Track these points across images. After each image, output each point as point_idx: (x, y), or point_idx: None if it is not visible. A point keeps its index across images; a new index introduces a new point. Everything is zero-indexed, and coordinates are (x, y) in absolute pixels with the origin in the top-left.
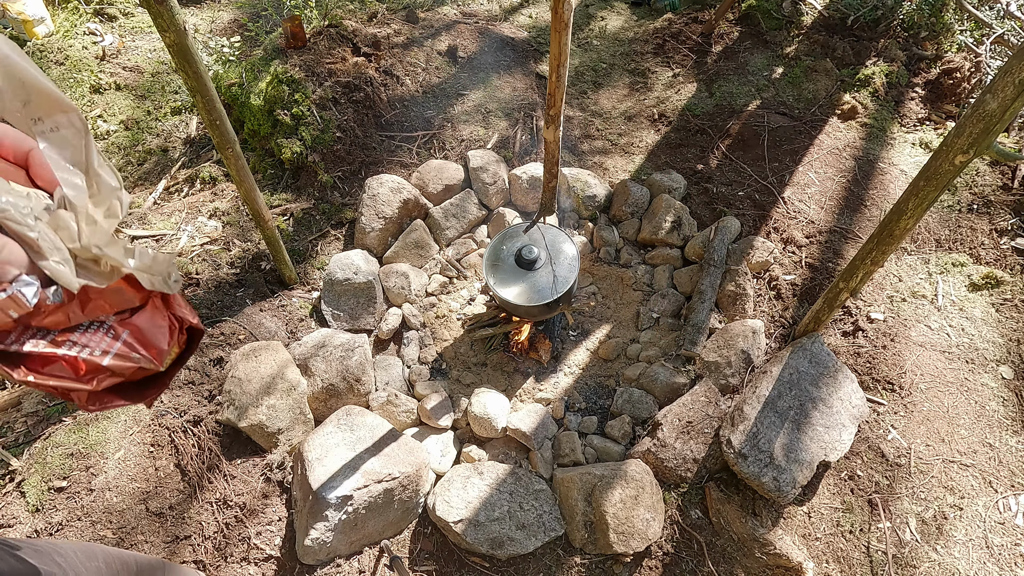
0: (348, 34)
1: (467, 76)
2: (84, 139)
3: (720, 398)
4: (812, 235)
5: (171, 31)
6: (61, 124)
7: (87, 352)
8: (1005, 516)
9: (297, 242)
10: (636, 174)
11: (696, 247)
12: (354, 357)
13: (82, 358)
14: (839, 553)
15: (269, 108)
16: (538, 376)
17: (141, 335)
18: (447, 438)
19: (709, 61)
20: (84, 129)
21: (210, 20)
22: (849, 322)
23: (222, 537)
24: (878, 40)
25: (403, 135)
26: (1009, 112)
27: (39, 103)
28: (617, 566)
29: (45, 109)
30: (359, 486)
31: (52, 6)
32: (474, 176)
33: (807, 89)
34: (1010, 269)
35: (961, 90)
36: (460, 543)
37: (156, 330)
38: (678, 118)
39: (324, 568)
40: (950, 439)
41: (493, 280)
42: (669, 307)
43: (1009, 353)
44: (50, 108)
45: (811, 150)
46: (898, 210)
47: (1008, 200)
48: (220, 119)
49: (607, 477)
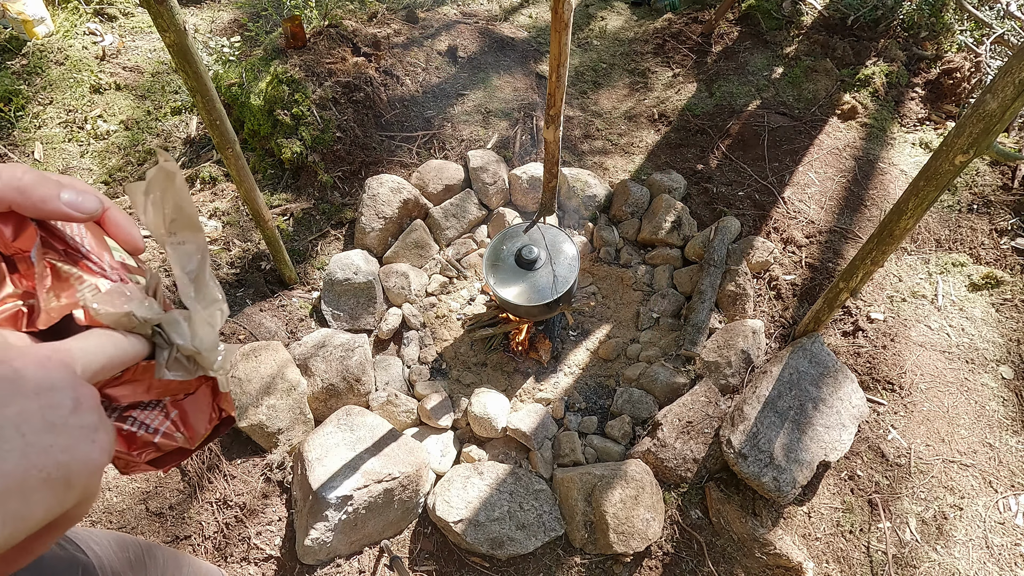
0: (348, 34)
1: (467, 76)
2: (202, 255)
3: (720, 398)
4: (812, 235)
5: (171, 31)
6: (188, 240)
7: (143, 429)
8: (1005, 516)
9: (297, 242)
10: (636, 174)
11: (696, 247)
12: (354, 357)
13: (139, 434)
14: (839, 553)
15: (269, 108)
16: (538, 376)
17: (186, 418)
18: (447, 438)
19: (709, 61)
20: (204, 249)
21: (210, 20)
22: (849, 322)
23: (222, 537)
24: (878, 40)
25: (403, 135)
26: (1009, 112)
27: (181, 223)
28: (617, 566)
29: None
30: (359, 486)
31: (52, 6)
32: (474, 176)
33: (807, 89)
34: (1010, 269)
35: (961, 90)
36: (460, 543)
37: (200, 415)
38: (678, 118)
39: (324, 568)
40: (950, 439)
41: (493, 280)
42: (669, 307)
43: (1009, 353)
44: (186, 228)
45: (811, 150)
46: (898, 210)
47: (1008, 200)
48: (220, 119)
49: (607, 477)
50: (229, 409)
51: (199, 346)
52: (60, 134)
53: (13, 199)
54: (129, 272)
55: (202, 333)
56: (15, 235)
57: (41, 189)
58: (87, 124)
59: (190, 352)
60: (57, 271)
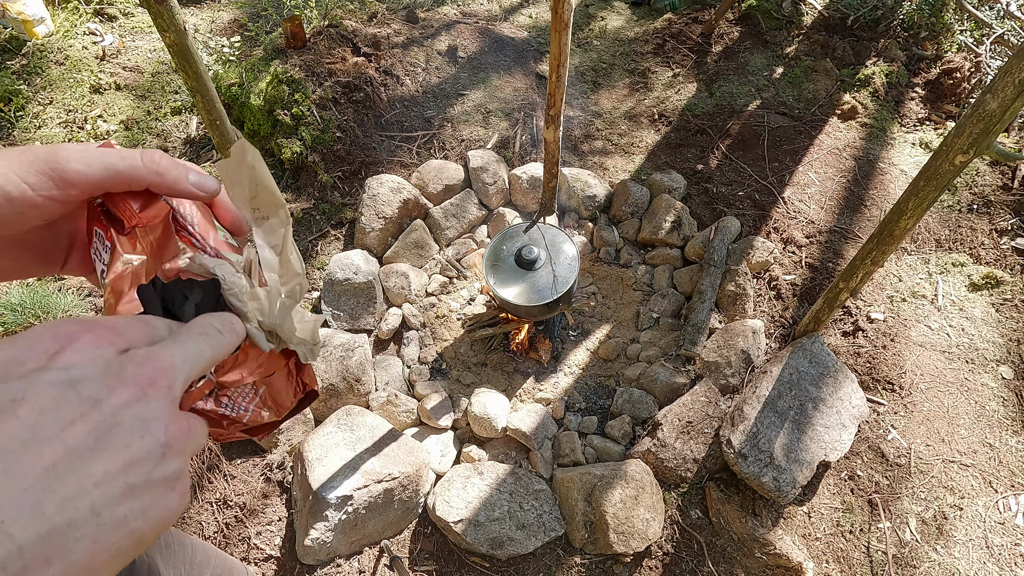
0: (348, 34)
1: (467, 76)
2: (286, 229)
3: (720, 398)
4: (812, 235)
5: (171, 31)
6: (271, 215)
7: (233, 410)
8: (1005, 516)
9: (297, 242)
10: (636, 174)
11: (696, 247)
12: (354, 357)
13: (229, 415)
14: (839, 553)
15: (269, 108)
16: (538, 376)
17: (273, 393)
18: (447, 438)
19: (709, 61)
20: (288, 222)
21: (210, 20)
22: (849, 322)
23: (222, 537)
24: (878, 40)
25: (403, 135)
26: (1009, 112)
27: (262, 198)
28: (617, 566)
29: (264, 203)
30: (359, 486)
31: (52, 6)
32: (474, 176)
33: (807, 89)
34: (1010, 269)
35: (961, 90)
36: (460, 543)
37: (285, 390)
38: (678, 118)
39: (324, 568)
40: (950, 439)
41: (493, 280)
42: (669, 307)
43: (1009, 353)
44: (268, 203)
45: (811, 150)
46: (898, 210)
47: (1008, 200)
48: (220, 119)
49: (607, 477)
50: (312, 383)
51: (273, 321)
52: (60, 134)
53: (152, 181)
54: (231, 250)
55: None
56: (142, 208)
57: (174, 172)
58: (87, 124)
59: (268, 327)
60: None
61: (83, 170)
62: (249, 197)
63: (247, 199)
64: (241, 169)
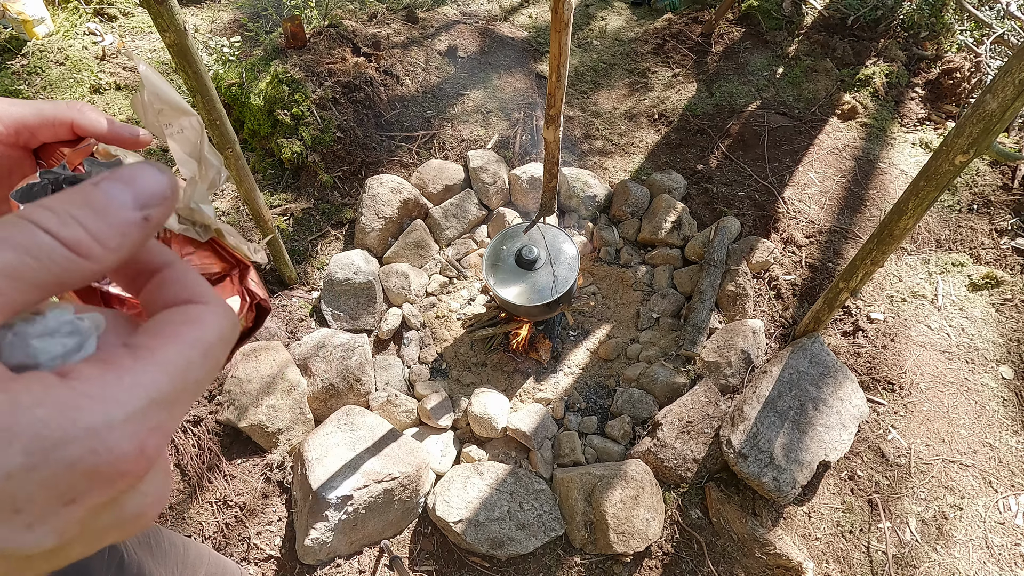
0: (348, 34)
1: (467, 76)
2: (200, 136)
3: (720, 398)
4: (812, 235)
5: (171, 31)
6: (184, 127)
7: None
8: (1005, 516)
9: (297, 242)
10: (636, 174)
11: (696, 247)
12: (354, 357)
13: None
14: (839, 553)
15: (269, 108)
16: (538, 376)
17: None
18: (447, 438)
19: (709, 61)
20: (201, 128)
21: (210, 20)
22: (849, 322)
23: (222, 537)
24: (878, 40)
25: (403, 135)
26: (1009, 112)
27: (169, 113)
28: (617, 566)
29: (173, 116)
30: (359, 486)
31: (52, 6)
32: (474, 176)
33: (807, 89)
34: (1010, 269)
35: (961, 90)
36: (460, 543)
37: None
38: (678, 118)
39: (324, 568)
40: (950, 439)
41: (493, 280)
42: (669, 307)
43: (1009, 353)
44: (176, 115)
45: (811, 150)
46: (898, 210)
47: (1008, 200)
48: (220, 119)
49: (607, 477)
50: (260, 293)
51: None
52: None
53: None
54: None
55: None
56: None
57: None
58: None
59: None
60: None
61: (8, 108)
62: (157, 113)
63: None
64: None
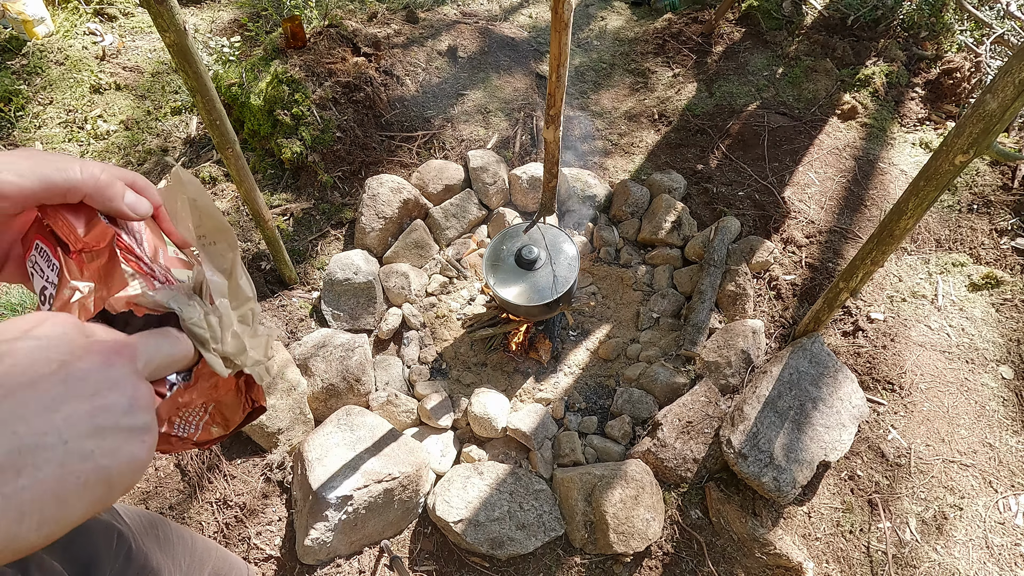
0: (348, 34)
1: (467, 76)
2: (234, 254)
3: (720, 398)
4: (812, 235)
5: (171, 31)
6: (218, 240)
7: (184, 431)
8: (1005, 516)
9: (297, 242)
10: (636, 174)
11: (696, 247)
12: (354, 357)
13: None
14: (839, 553)
15: (269, 108)
16: (538, 376)
17: (223, 410)
18: (447, 438)
19: (709, 61)
20: (235, 246)
21: (210, 20)
22: (849, 322)
23: (222, 537)
24: (878, 40)
25: (403, 135)
26: (1009, 112)
27: (207, 225)
28: (617, 566)
29: (209, 229)
30: (359, 486)
31: (52, 6)
32: (474, 176)
33: (807, 89)
34: (1010, 269)
35: (961, 90)
36: (460, 543)
37: (235, 407)
38: (678, 118)
39: (324, 568)
40: (950, 439)
41: (493, 280)
42: (669, 307)
43: (1009, 353)
44: (213, 229)
45: (811, 150)
46: (898, 210)
47: (1008, 200)
48: (220, 119)
49: (607, 477)
50: (260, 399)
51: (227, 349)
52: (60, 134)
53: (90, 192)
54: (182, 266)
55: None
56: (87, 231)
57: (111, 189)
58: (87, 124)
59: (222, 353)
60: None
61: (16, 181)
62: (193, 224)
63: (191, 228)
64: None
